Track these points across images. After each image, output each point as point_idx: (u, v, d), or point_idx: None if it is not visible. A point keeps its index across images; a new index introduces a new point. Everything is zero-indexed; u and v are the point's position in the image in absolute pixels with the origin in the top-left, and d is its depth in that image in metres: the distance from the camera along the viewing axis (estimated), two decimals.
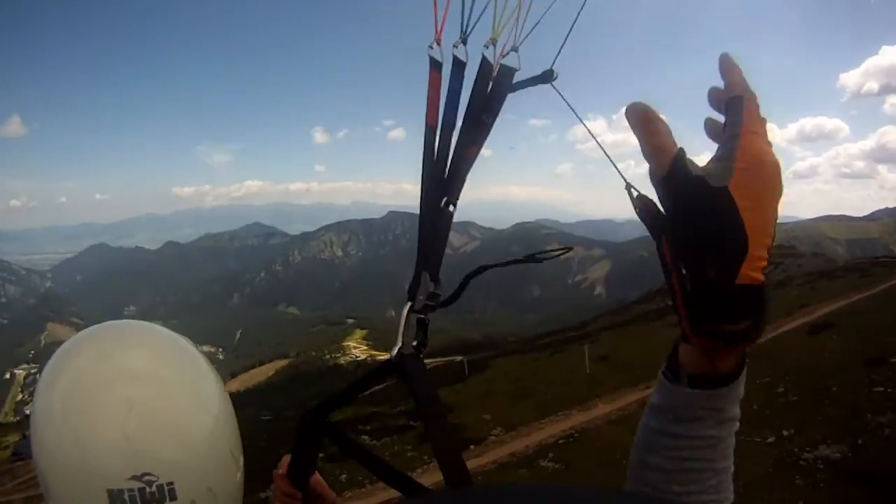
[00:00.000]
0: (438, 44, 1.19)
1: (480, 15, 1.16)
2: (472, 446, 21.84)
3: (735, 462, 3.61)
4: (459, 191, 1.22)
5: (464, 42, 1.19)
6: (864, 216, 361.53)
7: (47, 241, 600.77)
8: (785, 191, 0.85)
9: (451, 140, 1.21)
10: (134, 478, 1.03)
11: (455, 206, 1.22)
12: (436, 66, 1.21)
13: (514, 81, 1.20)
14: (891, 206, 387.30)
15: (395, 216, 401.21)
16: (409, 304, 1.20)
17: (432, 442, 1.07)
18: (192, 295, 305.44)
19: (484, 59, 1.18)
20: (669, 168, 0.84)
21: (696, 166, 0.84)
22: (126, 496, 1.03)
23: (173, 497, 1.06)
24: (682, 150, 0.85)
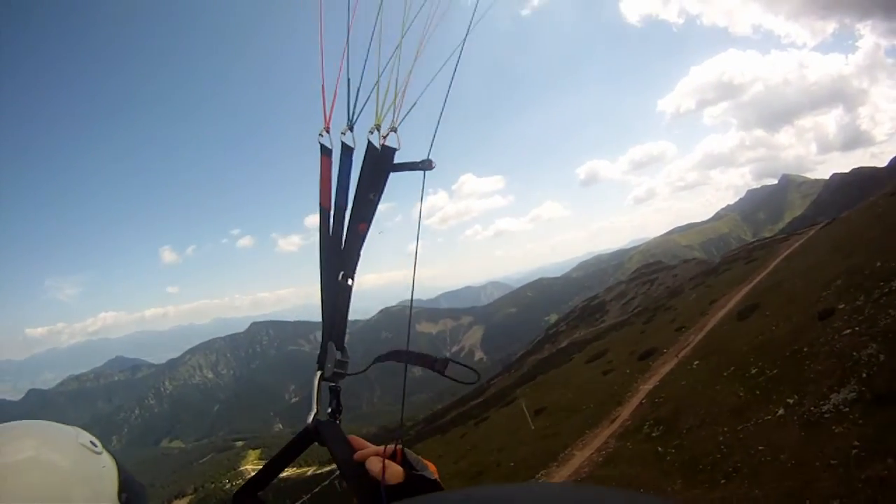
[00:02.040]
0: (328, 132, 1.40)
1: (364, 104, 1.39)
2: None
3: (762, 443, 10.28)
4: (356, 264, 1.43)
5: (351, 129, 1.40)
6: (710, 218, 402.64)
7: None
8: (629, 216, 1.11)
9: (343, 219, 1.41)
10: None
11: (353, 279, 1.42)
12: (326, 152, 1.41)
13: (395, 162, 1.41)
14: (731, 202, 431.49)
15: (258, 327, 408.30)
16: (319, 372, 1.39)
17: (359, 502, 1.19)
18: None
19: (369, 143, 1.38)
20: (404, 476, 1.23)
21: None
22: None
23: None
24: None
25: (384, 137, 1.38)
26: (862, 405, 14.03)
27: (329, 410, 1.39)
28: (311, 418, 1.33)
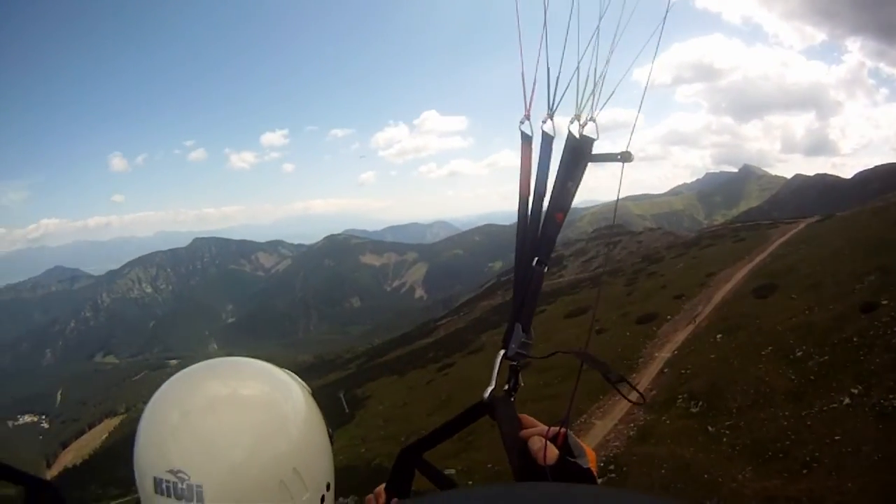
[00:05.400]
0: (528, 119, 1.47)
1: (563, 95, 1.45)
2: None
3: (836, 433, 12.80)
4: (550, 251, 1.49)
5: (551, 118, 1.47)
6: (666, 192, 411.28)
7: None
8: (584, 178, 1.45)
9: (541, 207, 1.48)
10: (170, 472, 1.26)
11: (546, 265, 1.48)
12: (526, 140, 1.49)
13: (593, 152, 1.47)
14: (688, 181, 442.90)
15: (201, 243, 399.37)
16: (503, 350, 1.47)
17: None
18: (1, 358, 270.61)
19: (570, 133, 1.45)
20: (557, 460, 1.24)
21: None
22: (164, 486, 1.26)
23: (200, 499, 1.23)
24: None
25: (583, 127, 1.43)
26: None
27: (506, 388, 1.46)
28: (488, 392, 1.42)
